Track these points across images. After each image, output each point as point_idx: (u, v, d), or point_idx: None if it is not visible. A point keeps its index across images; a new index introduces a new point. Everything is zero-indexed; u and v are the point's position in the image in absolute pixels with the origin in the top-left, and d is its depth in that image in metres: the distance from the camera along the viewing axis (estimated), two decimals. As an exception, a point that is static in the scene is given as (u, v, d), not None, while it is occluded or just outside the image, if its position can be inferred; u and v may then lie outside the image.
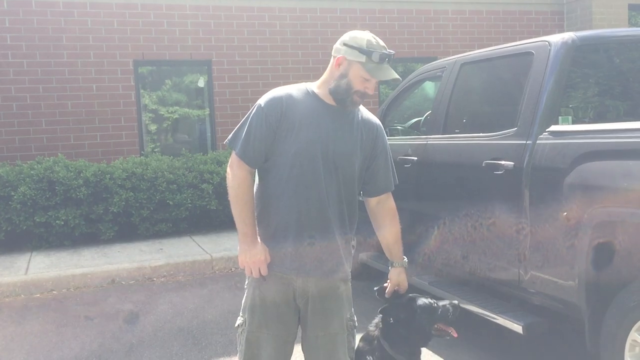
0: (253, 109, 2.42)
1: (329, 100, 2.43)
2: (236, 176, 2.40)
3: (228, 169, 2.45)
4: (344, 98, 2.39)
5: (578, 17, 10.97)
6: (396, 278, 2.67)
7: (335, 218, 2.42)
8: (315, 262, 2.40)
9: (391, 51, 2.38)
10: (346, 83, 2.37)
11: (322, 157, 2.37)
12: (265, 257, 2.37)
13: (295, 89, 2.45)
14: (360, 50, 2.35)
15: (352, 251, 2.57)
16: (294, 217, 2.37)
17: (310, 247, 2.38)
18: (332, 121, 2.41)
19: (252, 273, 2.39)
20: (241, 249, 2.39)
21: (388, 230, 2.65)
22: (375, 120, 2.57)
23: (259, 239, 2.41)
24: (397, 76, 2.39)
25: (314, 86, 2.47)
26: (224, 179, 2.63)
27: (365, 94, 2.39)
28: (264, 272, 2.38)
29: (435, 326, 2.67)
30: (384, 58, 2.34)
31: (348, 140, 2.43)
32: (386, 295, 2.68)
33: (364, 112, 2.55)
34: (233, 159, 2.43)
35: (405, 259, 2.71)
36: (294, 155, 2.35)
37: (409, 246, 4.65)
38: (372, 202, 2.63)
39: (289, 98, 2.40)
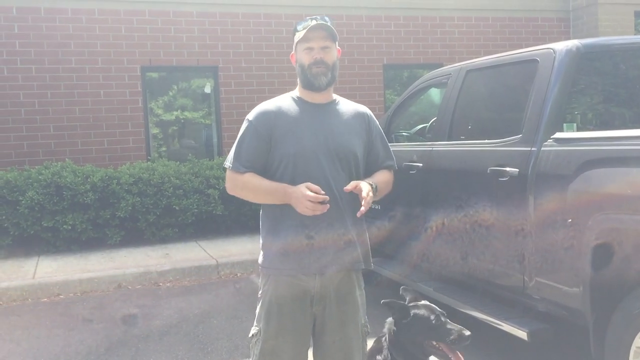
0: (243, 125, 2.47)
1: (314, 99, 2.48)
2: (237, 180, 2.45)
3: (227, 184, 2.51)
4: (307, 79, 2.43)
5: (584, 24, 10.96)
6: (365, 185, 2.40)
7: (348, 210, 2.42)
8: (332, 256, 2.41)
9: (314, 16, 2.43)
10: (300, 66, 2.45)
11: (324, 153, 2.40)
12: (307, 185, 2.29)
13: (280, 99, 2.51)
14: (295, 35, 2.46)
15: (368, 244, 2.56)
16: (307, 217, 2.36)
17: (326, 243, 2.39)
18: (324, 118, 2.46)
19: (315, 209, 2.26)
20: (292, 200, 2.31)
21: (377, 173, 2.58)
22: (363, 108, 2.62)
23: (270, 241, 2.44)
24: (322, 21, 2.39)
25: (296, 92, 2.53)
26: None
27: (318, 61, 2.40)
28: (322, 197, 2.27)
29: (435, 344, 2.55)
30: (306, 23, 2.40)
31: (344, 131, 2.47)
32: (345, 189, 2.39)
33: (351, 104, 2.59)
34: (227, 175, 2.49)
35: (375, 185, 2.45)
36: (294, 156, 2.38)
37: (414, 252, 4.69)
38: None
39: (277, 108, 2.45)
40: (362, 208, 2.32)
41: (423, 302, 2.68)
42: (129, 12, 8.80)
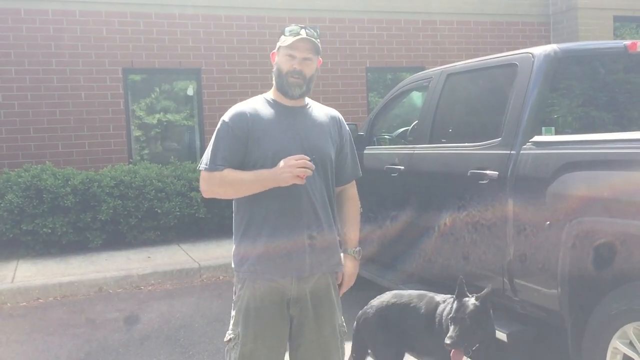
0: (218, 126, 2.45)
1: (287, 102, 2.48)
2: (213, 179, 2.40)
3: (202, 187, 2.46)
4: (282, 86, 2.44)
5: (564, 28, 11.10)
6: (349, 269, 2.59)
7: (323, 213, 2.45)
8: (309, 260, 2.41)
9: (305, 25, 2.43)
10: (278, 69, 2.44)
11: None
12: (287, 159, 2.32)
13: (254, 101, 2.51)
14: (280, 37, 2.44)
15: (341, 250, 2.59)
16: (285, 218, 2.37)
17: (304, 247, 2.40)
18: (299, 121, 2.46)
19: (306, 166, 2.29)
20: (277, 174, 2.30)
21: (347, 216, 2.65)
22: (335, 112, 2.63)
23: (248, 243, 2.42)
24: (312, 39, 2.39)
25: (270, 94, 2.53)
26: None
27: (296, 71, 2.40)
28: (307, 163, 2.30)
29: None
30: (296, 30, 2.39)
31: (319, 135, 2.48)
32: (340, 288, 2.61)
33: (323, 108, 2.60)
34: (203, 176, 2.45)
35: (359, 249, 2.64)
36: (272, 157, 2.37)
37: (395, 254, 4.71)
38: (337, 190, 2.63)
39: (253, 110, 2.45)
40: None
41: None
42: (111, 13, 8.74)
